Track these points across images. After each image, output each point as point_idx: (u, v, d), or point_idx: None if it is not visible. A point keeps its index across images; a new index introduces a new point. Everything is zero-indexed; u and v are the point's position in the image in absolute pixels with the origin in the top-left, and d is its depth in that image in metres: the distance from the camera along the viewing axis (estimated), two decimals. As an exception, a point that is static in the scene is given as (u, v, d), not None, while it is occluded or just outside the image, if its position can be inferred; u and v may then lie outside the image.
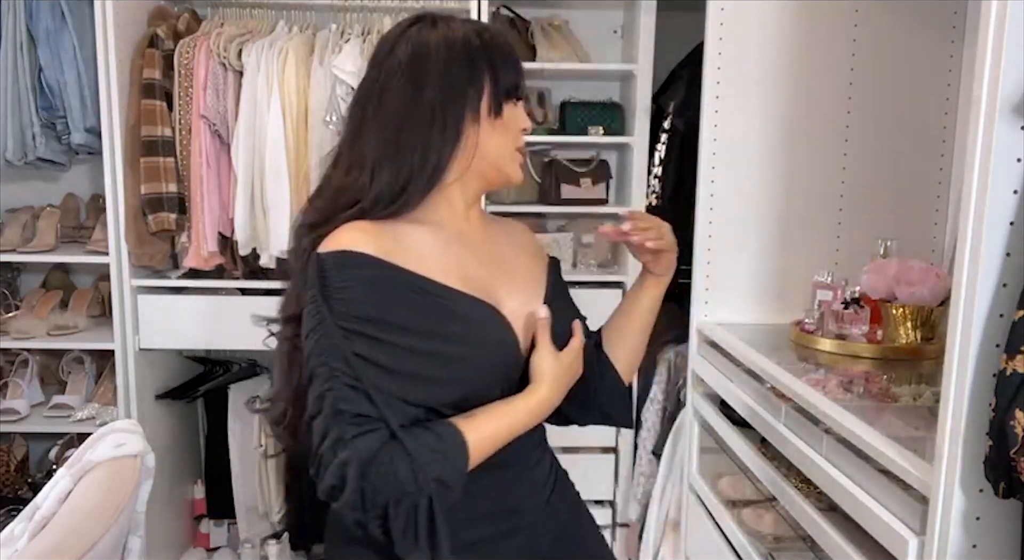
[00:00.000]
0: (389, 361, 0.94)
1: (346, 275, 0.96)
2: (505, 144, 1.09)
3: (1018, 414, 0.91)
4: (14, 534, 1.33)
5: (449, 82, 1.03)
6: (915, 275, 1.68)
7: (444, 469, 0.92)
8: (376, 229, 1.01)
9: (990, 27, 0.95)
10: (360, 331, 0.93)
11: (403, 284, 0.98)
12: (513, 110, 1.09)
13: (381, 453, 0.90)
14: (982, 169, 0.97)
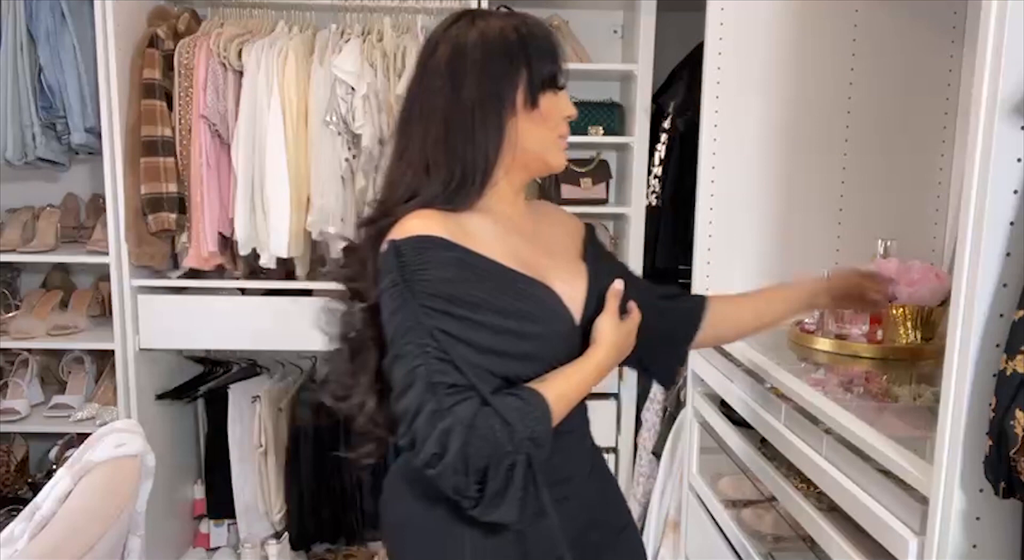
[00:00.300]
0: (472, 337, 1.00)
1: (424, 257, 1.01)
2: (546, 134, 1.13)
3: (1018, 414, 0.91)
4: (14, 534, 1.33)
5: (485, 80, 1.08)
6: (915, 275, 1.68)
7: (535, 428, 0.98)
8: (442, 217, 1.07)
9: (990, 27, 0.95)
10: (442, 309, 0.99)
11: (477, 266, 1.04)
12: (552, 100, 1.12)
13: (478, 418, 0.96)
14: (982, 169, 0.97)
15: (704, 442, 2.00)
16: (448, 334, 0.98)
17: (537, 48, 1.11)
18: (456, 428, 0.94)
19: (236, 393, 2.68)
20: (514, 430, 0.96)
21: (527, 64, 1.09)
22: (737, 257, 2.02)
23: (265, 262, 2.38)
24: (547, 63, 1.11)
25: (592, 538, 1.19)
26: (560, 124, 1.14)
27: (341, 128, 2.33)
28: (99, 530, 1.31)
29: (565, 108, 1.15)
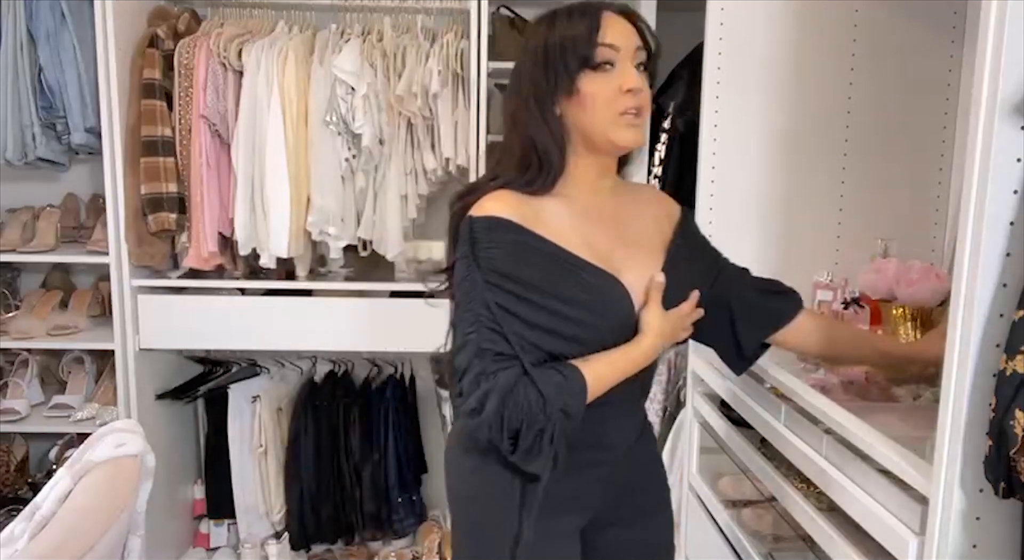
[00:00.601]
0: (524, 313, 1.10)
1: (493, 237, 1.11)
2: (600, 114, 1.15)
3: (1018, 414, 0.91)
4: (14, 534, 1.33)
5: (531, 76, 1.17)
6: (915, 275, 1.68)
7: (568, 402, 1.08)
8: (518, 200, 1.16)
9: (990, 27, 0.95)
10: (501, 286, 1.09)
11: (540, 250, 1.13)
12: (594, 79, 1.14)
13: (517, 386, 1.07)
14: (982, 169, 0.97)
15: (704, 442, 2.00)
16: (502, 307, 1.09)
17: (565, 34, 1.15)
18: (495, 392, 1.06)
19: (236, 393, 2.68)
20: (548, 402, 1.06)
21: (558, 52, 1.14)
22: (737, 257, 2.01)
23: (265, 262, 2.38)
24: (580, 46, 1.14)
25: (628, 501, 1.32)
26: (617, 100, 1.15)
27: (341, 128, 2.33)
28: (99, 530, 1.31)
29: (615, 83, 1.15)
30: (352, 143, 2.36)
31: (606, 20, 1.15)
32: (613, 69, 1.14)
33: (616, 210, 1.24)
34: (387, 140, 2.39)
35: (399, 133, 2.39)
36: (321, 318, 2.44)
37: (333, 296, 2.48)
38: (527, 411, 1.07)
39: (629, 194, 1.29)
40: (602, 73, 1.14)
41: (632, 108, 1.15)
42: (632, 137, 1.18)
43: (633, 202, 1.28)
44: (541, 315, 1.11)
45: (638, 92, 1.15)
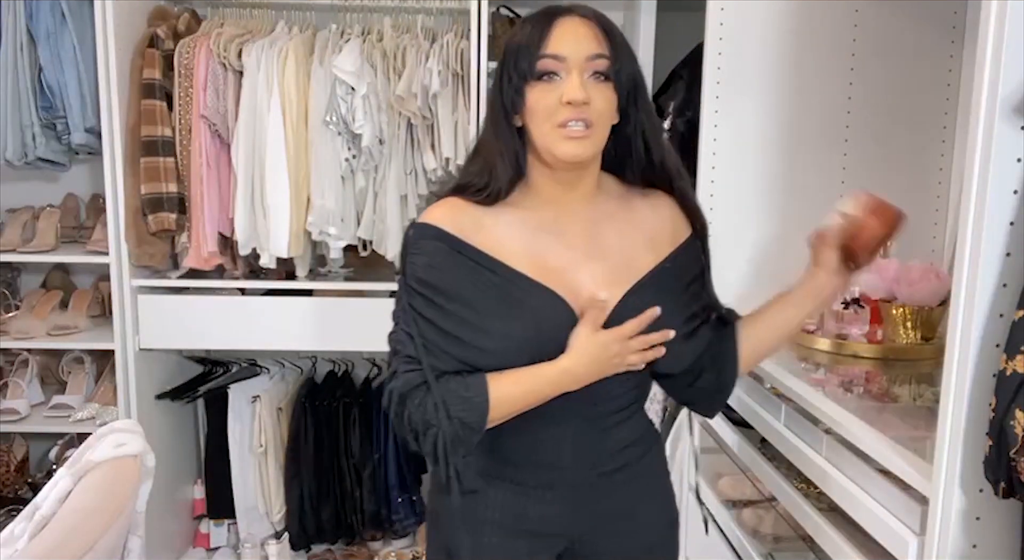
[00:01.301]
0: (439, 320, 1.10)
1: (419, 244, 1.12)
2: (540, 125, 1.11)
3: (1018, 414, 0.91)
4: (14, 534, 1.33)
5: (494, 85, 1.16)
6: (915, 275, 1.68)
7: (466, 413, 1.07)
8: (459, 208, 1.15)
9: (990, 27, 0.95)
10: (420, 292, 1.11)
11: (466, 259, 1.11)
12: (537, 90, 1.10)
13: (416, 390, 1.09)
14: (982, 169, 0.97)
15: (704, 442, 2.00)
16: (418, 313, 1.10)
17: (516, 45, 1.12)
18: (395, 393, 1.10)
19: (236, 393, 2.68)
20: (441, 410, 1.07)
21: (506, 62, 1.13)
22: (737, 257, 2.02)
23: (265, 262, 2.38)
24: (523, 57, 1.10)
25: (612, 530, 1.22)
26: (556, 112, 1.09)
27: (341, 128, 2.33)
28: (99, 530, 1.31)
29: (553, 93, 1.09)
30: (352, 143, 2.36)
31: (558, 28, 1.10)
32: (560, 79, 1.09)
33: (589, 223, 1.17)
34: (387, 140, 2.39)
35: (399, 133, 2.39)
36: (321, 318, 2.44)
37: (333, 296, 2.48)
38: (422, 416, 1.08)
39: (624, 206, 1.21)
40: (546, 84, 1.09)
41: (572, 119, 1.09)
42: (571, 151, 1.10)
43: (623, 215, 1.20)
44: (453, 323, 1.09)
45: (579, 104, 1.08)
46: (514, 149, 1.14)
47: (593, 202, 1.19)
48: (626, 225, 1.20)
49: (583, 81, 1.08)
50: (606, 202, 1.20)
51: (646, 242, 1.20)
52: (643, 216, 1.22)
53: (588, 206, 1.18)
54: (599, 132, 1.12)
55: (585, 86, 1.08)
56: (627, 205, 1.21)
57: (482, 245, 1.12)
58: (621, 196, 1.22)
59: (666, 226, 1.23)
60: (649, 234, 1.20)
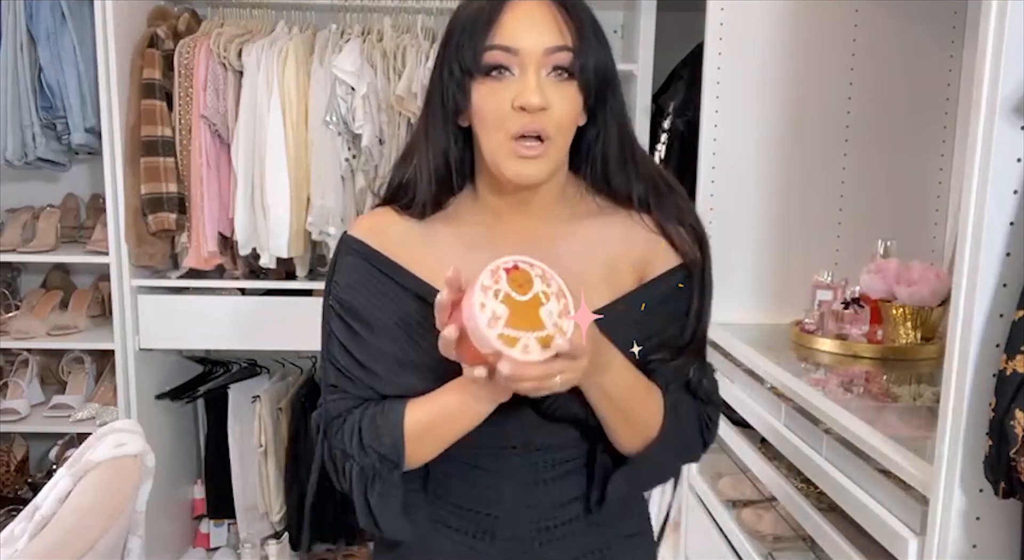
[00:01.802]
0: (355, 350, 0.97)
1: (340, 259, 1.00)
2: (487, 134, 0.91)
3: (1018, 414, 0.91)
4: (14, 534, 1.33)
5: (431, 78, 0.96)
6: (915, 275, 1.68)
7: (380, 442, 0.93)
8: (388, 219, 0.99)
9: (990, 27, 0.95)
10: (337, 313, 0.99)
11: (387, 278, 0.97)
12: (487, 88, 0.90)
13: (336, 420, 0.97)
14: (982, 169, 0.97)
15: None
16: (336, 338, 0.99)
17: (460, 26, 0.91)
18: (319, 423, 1.00)
19: (236, 393, 2.68)
20: (359, 440, 0.94)
21: (446, 52, 0.92)
22: (737, 257, 2.02)
23: (265, 262, 2.38)
24: (467, 46, 0.89)
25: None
26: (507, 119, 0.88)
27: (341, 128, 2.33)
28: (99, 530, 1.31)
29: (509, 96, 0.88)
30: (352, 143, 2.36)
31: (510, 11, 0.89)
32: (511, 77, 0.89)
33: (532, 244, 0.92)
34: (387, 140, 2.39)
35: (399, 133, 2.39)
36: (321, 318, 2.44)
37: (333, 296, 2.48)
38: (341, 447, 0.96)
39: (588, 225, 0.99)
40: (496, 82, 0.89)
41: (527, 131, 0.88)
42: (522, 171, 0.90)
43: (582, 236, 0.98)
44: (369, 355, 0.95)
45: (534, 110, 0.87)
46: (447, 160, 0.95)
47: (548, 218, 0.98)
48: (582, 249, 0.97)
49: (540, 80, 0.88)
50: (566, 218, 0.99)
51: (603, 272, 0.97)
52: (608, 239, 0.99)
53: (540, 223, 0.98)
54: (558, 145, 0.92)
55: (542, 87, 0.88)
56: (592, 223, 0.99)
57: (409, 264, 0.97)
58: (588, 212, 1.00)
59: (634, 254, 0.98)
60: (610, 263, 0.98)
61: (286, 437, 2.69)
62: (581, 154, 0.99)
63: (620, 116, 0.97)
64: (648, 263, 0.99)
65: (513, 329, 0.78)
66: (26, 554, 1.25)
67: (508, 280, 0.80)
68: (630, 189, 0.99)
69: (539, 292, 0.80)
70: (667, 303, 0.98)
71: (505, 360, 0.77)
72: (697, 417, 1.02)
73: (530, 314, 0.79)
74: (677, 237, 0.99)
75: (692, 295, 0.99)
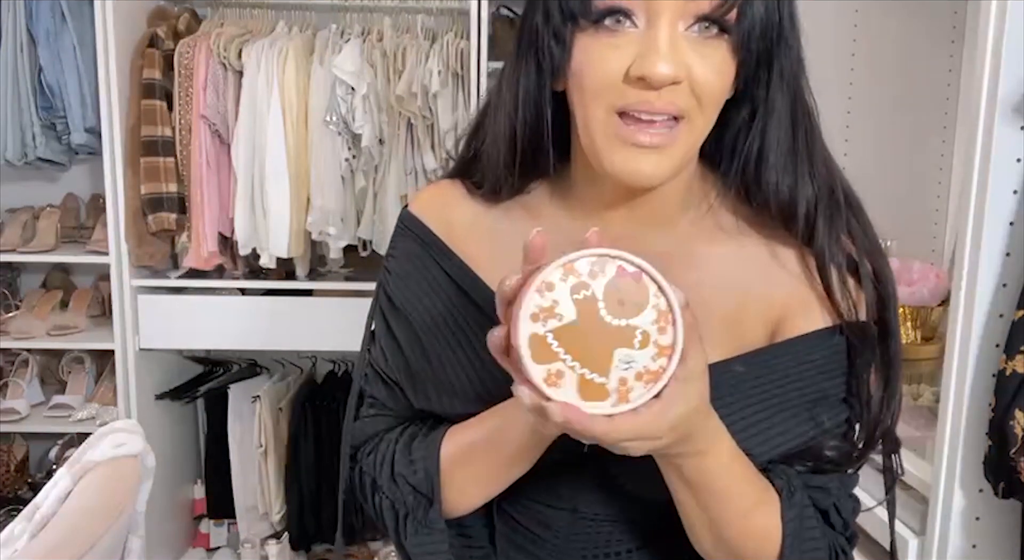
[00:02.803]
0: (395, 352, 0.77)
1: (397, 243, 0.79)
2: (590, 107, 0.63)
3: (1018, 414, 0.91)
4: (14, 534, 1.33)
5: (520, 27, 0.69)
6: (915, 275, 1.68)
7: (413, 472, 0.73)
8: (453, 197, 0.77)
9: (990, 27, 0.95)
10: (383, 309, 0.79)
11: (446, 276, 0.75)
12: (594, 44, 0.62)
13: (371, 441, 0.79)
14: (982, 169, 0.97)
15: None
16: (380, 340, 0.79)
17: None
18: (346, 443, 0.80)
19: (236, 393, 2.68)
20: (390, 468, 0.75)
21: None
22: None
23: (265, 262, 2.38)
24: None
25: None
26: (617, 90, 0.61)
27: (341, 128, 2.33)
28: (99, 530, 1.31)
29: (626, 57, 0.60)
30: (352, 143, 2.36)
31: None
32: (633, 29, 0.61)
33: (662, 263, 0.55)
34: (387, 140, 2.39)
35: (399, 133, 2.39)
36: (321, 318, 2.44)
37: (333, 296, 2.48)
38: (371, 473, 0.77)
39: (722, 247, 0.71)
40: (609, 35, 0.61)
41: (642, 111, 0.61)
42: (627, 165, 0.62)
43: (710, 264, 0.71)
44: (411, 357, 0.75)
45: (662, 84, 0.59)
46: (533, 134, 0.69)
47: (663, 230, 0.71)
48: (705, 282, 0.69)
49: (675, 37, 0.60)
50: (688, 235, 0.72)
51: (728, 318, 0.70)
52: (743, 272, 0.71)
53: (650, 235, 0.70)
54: (695, 132, 0.64)
55: (678, 47, 0.60)
56: (725, 247, 0.71)
57: (469, 256, 0.75)
58: (721, 229, 0.72)
59: (777, 296, 0.70)
60: (739, 305, 0.70)
61: (286, 437, 2.69)
62: (725, 143, 0.70)
63: (794, 87, 0.68)
64: (790, 316, 0.69)
65: (570, 357, 0.52)
66: (26, 554, 1.25)
67: (608, 286, 0.53)
68: (794, 199, 0.67)
69: (642, 327, 0.52)
70: (801, 383, 0.68)
71: (556, 406, 0.53)
72: (828, 549, 0.71)
73: (604, 348, 0.53)
74: (840, 288, 0.68)
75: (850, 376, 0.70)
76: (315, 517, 2.68)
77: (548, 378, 0.52)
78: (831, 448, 0.70)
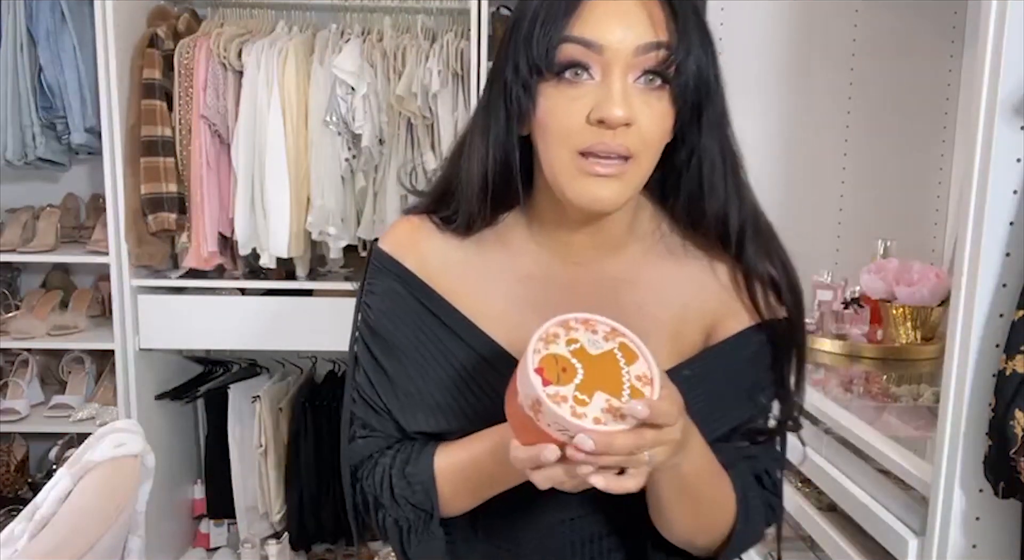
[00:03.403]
0: (381, 381, 0.84)
1: (373, 278, 0.86)
2: (554, 149, 0.74)
3: (1018, 414, 0.91)
4: (14, 534, 1.33)
5: (491, 73, 0.79)
6: (915, 275, 1.68)
7: (412, 493, 0.81)
8: (426, 234, 0.85)
9: (990, 27, 0.95)
10: (366, 341, 0.85)
11: (427, 313, 0.83)
12: (558, 93, 0.72)
13: (367, 462, 0.85)
14: (982, 169, 0.97)
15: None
16: (364, 368, 0.85)
17: (532, 12, 0.73)
18: (346, 465, 0.86)
19: (236, 393, 2.68)
20: (390, 489, 0.82)
21: (512, 43, 0.75)
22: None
23: (265, 262, 2.38)
24: (539, 37, 0.72)
25: None
26: (579, 133, 0.72)
27: (341, 128, 2.33)
28: (99, 530, 1.31)
29: (588, 104, 0.71)
30: (352, 143, 2.36)
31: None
32: (591, 81, 0.72)
33: (603, 287, 0.82)
34: (387, 140, 2.39)
35: (399, 133, 2.39)
36: (321, 318, 2.44)
37: (333, 296, 2.48)
38: (371, 493, 0.84)
39: (663, 266, 0.84)
40: (570, 85, 0.72)
41: (600, 151, 0.71)
42: (593, 195, 0.73)
43: (655, 281, 0.83)
44: (397, 387, 0.83)
45: (616, 125, 0.70)
46: (504, 171, 0.78)
47: (617, 249, 0.83)
48: (652, 297, 0.82)
49: (627, 87, 0.72)
50: (637, 257, 0.84)
51: (671, 329, 0.82)
52: (682, 287, 0.83)
53: (606, 256, 0.83)
54: (643, 166, 0.75)
55: (629, 95, 0.71)
56: (668, 266, 0.84)
57: (448, 292, 0.83)
58: (663, 249, 0.84)
59: (709, 305, 0.83)
60: (680, 317, 0.82)
61: (286, 437, 2.69)
62: (670, 182, 0.82)
63: (720, 134, 0.80)
64: (719, 319, 0.83)
65: (585, 394, 0.63)
66: (26, 554, 1.25)
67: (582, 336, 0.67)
68: (729, 223, 0.81)
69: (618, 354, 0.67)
70: (735, 376, 0.82)
71: (586, 434, 0.62)
72: (765, 507, 0.85)
73: (606, 376, 0.65)
74: (762, 294, 0.83)
75: (773, 365, 0.83)
76: (315, 517, 2.68)
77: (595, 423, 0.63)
78: (766, 423, 0.85)
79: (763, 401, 0.85)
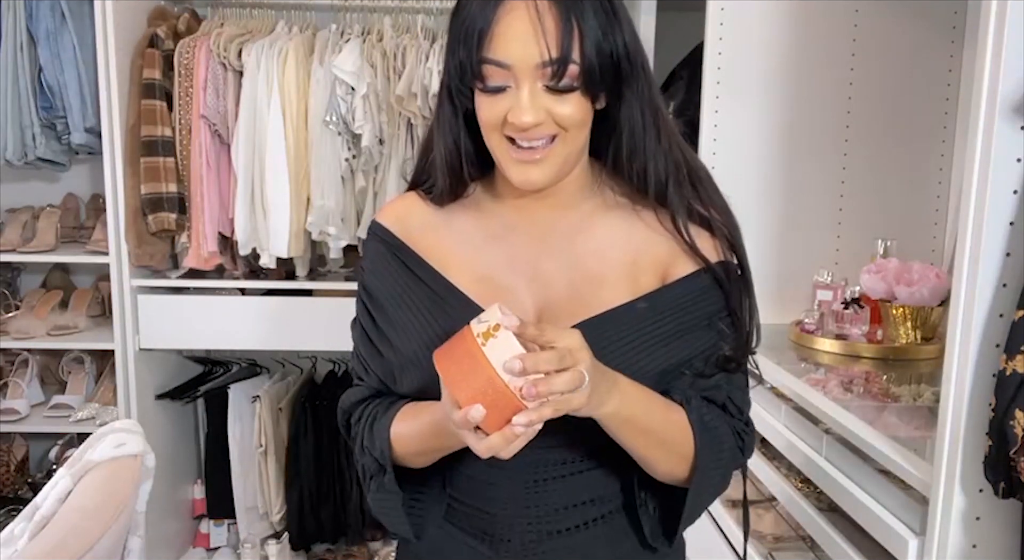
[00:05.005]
0: (372, 335, 0.97)
1: (367, 243, 1.02)
2: (489, 136, 0.88)
3: (1018, 414, 0.91)
4: (14, 534, 1.33)
5: (444, 68, 0.92)
6: (915, 275, 1.68)
7: (374, 447, 0.93)
8: (412, 205, 1.00)
9: (990, 27, 0.95)
10: (362, 300, 0.99)
11: (404, 267, 0.96)
12: (485, 99, 0.86)
13: (354, 410, 0.99)
14: (982, 169, 0.97)
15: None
16: (360, 323, 0.99)
17: (456, 32, 0.86)
18: (339, 410, 1.01)
19: (236, 393, 2.68)
20: (361, 438, 0.96)
21: (452, 50, 0.88)
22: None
23: (265, 262, 2.38)
24: (465, 53, 0.85)
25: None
26: (498, 127, 0.86)
27: (341, 128, 2.33)
28: (99, 530, 1.31)
29: (504, 108, 0.84)
30: (352, 143, 2.36)
31: (503, 17, 0.82)
32: (510, 88, 0.84)
33: (555, 236, 0.94)
34: (387, 140, 2.39)
35: (399, 133, 2.39)
36: (321, 318, 2.44)
37: (333, 296, 2.48)
38: (356, 439, 0.97)
39: (614, 216, 0.95)
40: (494, 94, 0.85)
41: (524, 141, 0.85)
42: (521, 177, 0.87)
43: (607, 229, 0.94)
44: (382, 340, 0.95)
45: (527, 128, 0.83)
46: (458, 152, 0.93)
47: (570, 209, 0.95)
48: (604, 245, 0.94)
49: (535, 94, 0.83)
50: (589, 210, 0.95)
51: (625, 271, 0.93)
52: (631, 235, 0.94)
53: (561, 213, 0.95)
54: (568, 143, 0.87)
55: (537, 101, 0.83)
56: (617, 216, 0.95)
57: (426, 252, 0.96)
58: (613, 203, 0.96)
59: (659, 251, 0.93)
60: (632, 261, 0.93)
61: (286, 437, 2.69)
62: (603, 140, 0.93)
63: (647, 97, 0.89)
64: (670, 262, 0.93)
65: None
66: (26, 554, 1.25)
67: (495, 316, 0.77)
68: (650, 175, 0.91)
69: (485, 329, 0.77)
70: (687, 311, 0.92)
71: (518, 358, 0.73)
72: (732, 434, 0.96)
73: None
74: (697, 237, 0.92)
75: (722, 303, 0.93)
76: (315, 517, 2.68)
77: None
78: (727, 349, 0.94)
79: (723, 328, 0.94)
